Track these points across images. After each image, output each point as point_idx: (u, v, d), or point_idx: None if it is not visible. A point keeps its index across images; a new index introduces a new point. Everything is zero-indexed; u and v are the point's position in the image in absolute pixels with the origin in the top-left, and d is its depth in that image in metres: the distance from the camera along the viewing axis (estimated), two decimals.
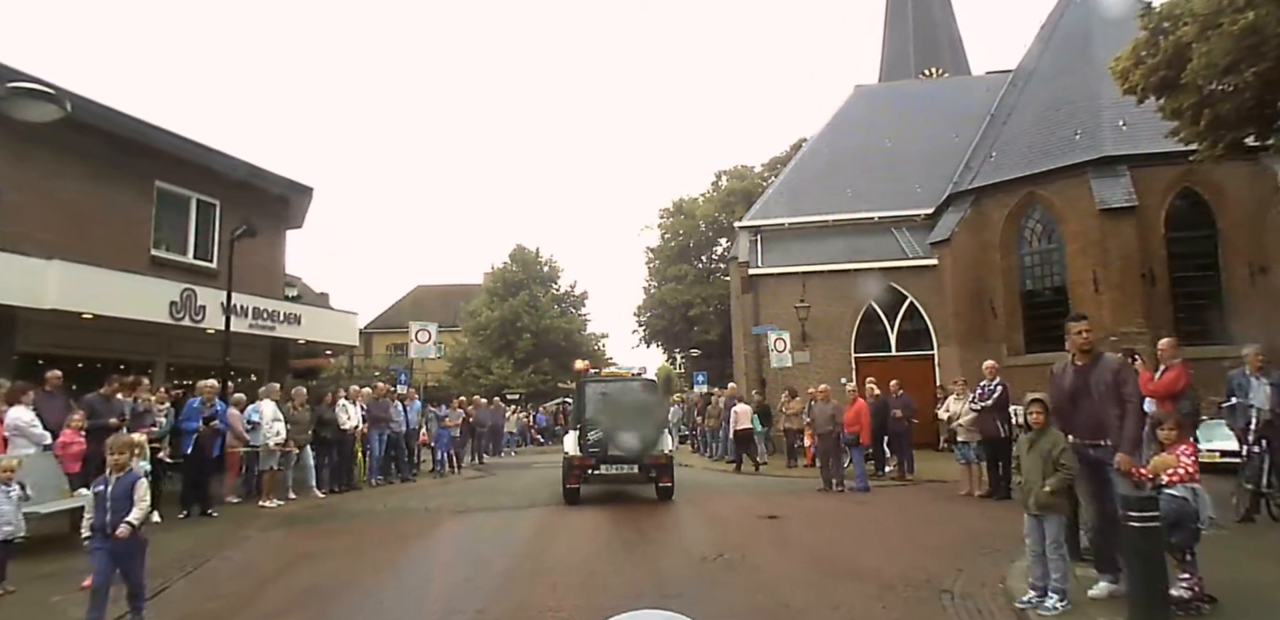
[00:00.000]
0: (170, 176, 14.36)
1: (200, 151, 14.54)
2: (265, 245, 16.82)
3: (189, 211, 14.90)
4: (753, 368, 20.88)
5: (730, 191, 46.07)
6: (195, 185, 14.87)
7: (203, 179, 14.91)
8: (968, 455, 10.23)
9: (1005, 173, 20.09)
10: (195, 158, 14.56)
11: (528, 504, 10.64)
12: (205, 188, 15.09)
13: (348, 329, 16.71)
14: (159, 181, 14.21)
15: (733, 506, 9.90)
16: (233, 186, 15.48)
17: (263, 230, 16.70)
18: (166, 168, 14.21)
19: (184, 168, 14.49)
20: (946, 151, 24.69)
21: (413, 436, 14.65)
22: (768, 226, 23.87)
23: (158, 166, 14.05)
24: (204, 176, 14.89)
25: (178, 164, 14.36)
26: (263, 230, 16.70)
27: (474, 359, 36.01)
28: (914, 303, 20.67)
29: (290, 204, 17.41)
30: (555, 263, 39.61)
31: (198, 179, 14.83)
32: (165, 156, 14.10)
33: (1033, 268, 19.75)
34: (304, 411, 11.45)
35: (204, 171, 14.85)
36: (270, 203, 16.66)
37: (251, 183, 15.87)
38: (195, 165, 14.64)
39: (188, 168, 14.54)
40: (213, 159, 14.85)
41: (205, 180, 14.95)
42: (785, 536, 7.44)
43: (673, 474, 10.74)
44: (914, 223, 22.99)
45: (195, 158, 14.56)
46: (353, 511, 9.99)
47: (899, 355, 20.56)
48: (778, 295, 21.01)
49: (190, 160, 14.52)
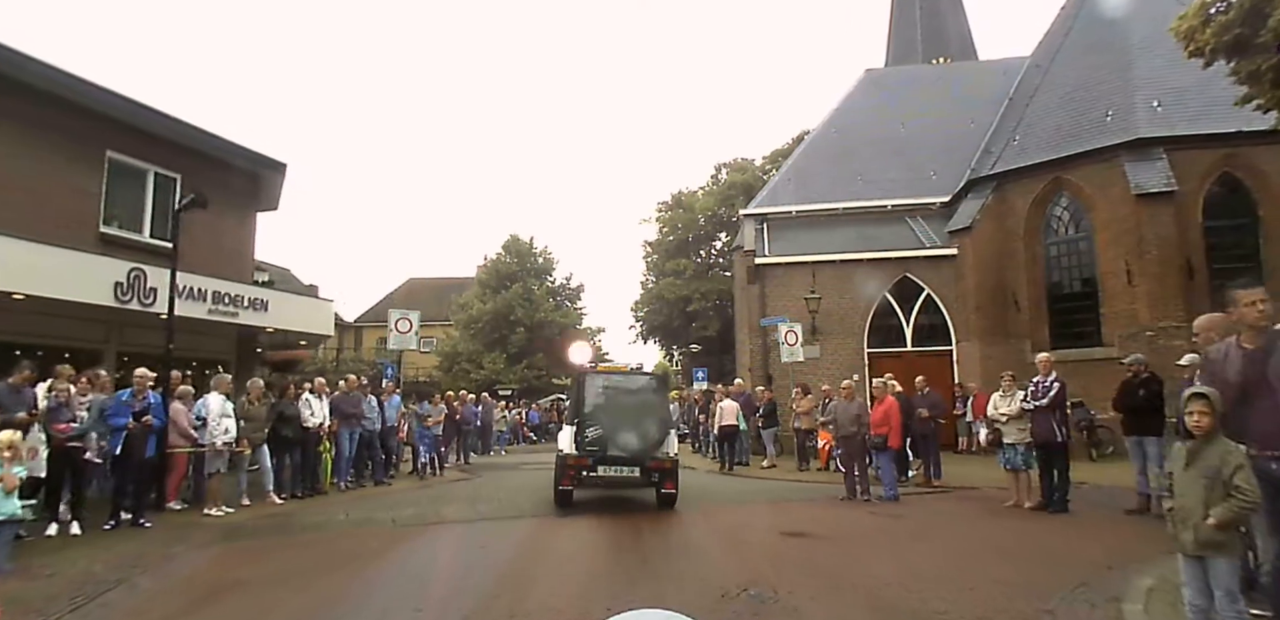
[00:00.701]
0: (124, 146, 13.00)
1: (158, 119, 13.18)
2: (233, 225, 15.52)
3: (145, 186, 13.53)
4: (758, 363, 19.59)
5: (730, 184, 44.93)
6: (152, 157, 13.50)
7: (161, 150, 13.55)
8: (1015, 461, 8.94)
9: (1030, 157, 18.82)
10: (152, 126, 13.21)
11: (511, 514, 9.31)
12: (164, 160, 13.73)
13: (322, 317, 15.33)
14: (111, 151, 12.84)
15: (749, 520, 8.56)
16: (196, 160, 14.13)
17: (231, 210, 15.47)
18: (120, 136, 12.86)
19: (140, 137, 13.14)
20: (962, 137, 23.49)
21: (390, 435, 13.34)
22: (774, 214, 22.58)
23: (109, 135, 12.71)
24: (162, 148, 13.54)
25: (132, 133, 13.02)
26: (231, 210, 15.47)
27: (465, 353, 34.65)
28: (931, 295, 19.40)
29: (261, 182, 16.04)
30: (550, 254, 38.28)
31: (155, 150, 13.48)
32: (118, 124, 12.75)
33: (1059, 258, 18.49)
34: (260, 406, 10.11)
35: (162, 142, 13.51)
36: (238, 179, 15.29)
37: (217, 156, 14.52)
38: (152, 135, 13.30)
39: (144, 137, 13.19)
40: (172, 128, 13.50)
41: (164, 152, 13.60)
42: (820, 563, 6.10)
43: (677, 480, 9.75)
44: (929, 211, 21.75)
45: (152, 126, 13.21)
46: (308, 523, 8.64)
47: (915, 351, 19.30)
48: (786, 286, 19.72)
49: (147, 129, 13.18)
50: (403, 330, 14.69)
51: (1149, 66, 18.57)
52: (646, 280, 47.68)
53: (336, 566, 6.49)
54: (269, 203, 17.78)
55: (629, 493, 11.14)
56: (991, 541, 6.71)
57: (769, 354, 19.43)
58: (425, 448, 13.70)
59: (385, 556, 6.79)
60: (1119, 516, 8.24)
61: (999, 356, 18.37)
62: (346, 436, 11.54)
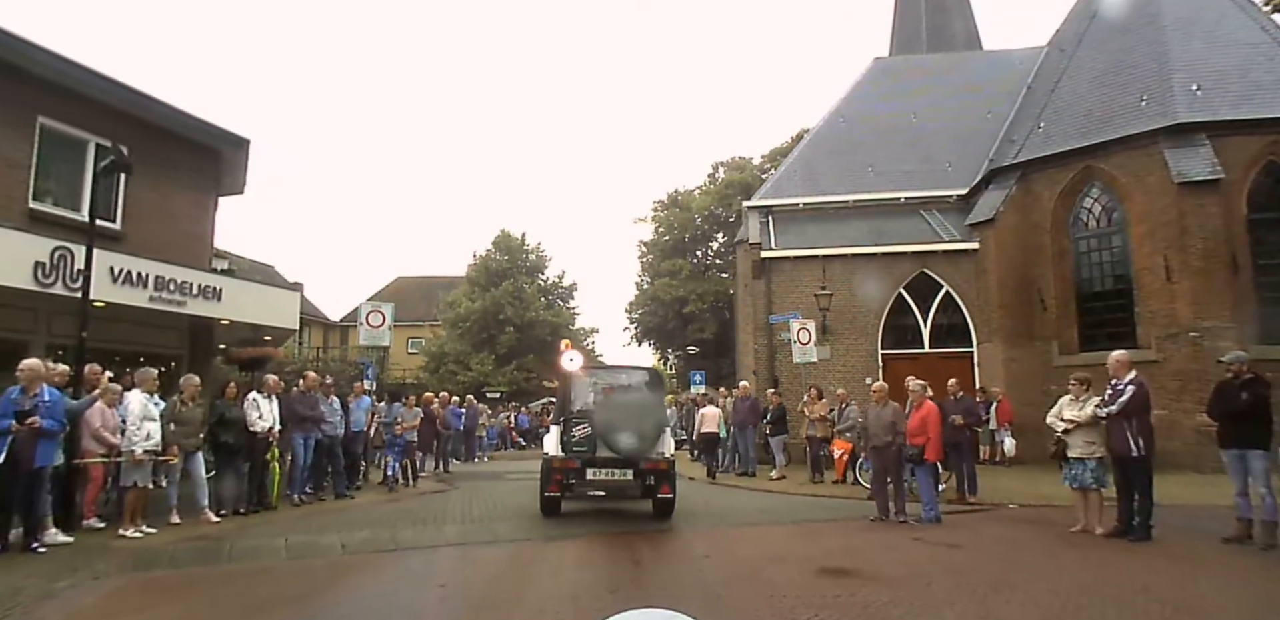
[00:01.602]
0: (58, 112, 11.51)
1: (98, 83, 11.71)
2: (189, 206, 14.04)
3: (84, 158, 12.04)
4: (764, 364, 18.18)
5: (728, 183, 43.86)
6: (93, 126, 12.00)
7: (104, 118, 12.06)
8: (1083, 478, 7.52)
9: (1057, 144, 17.51)
10: (92, 91, 11.74)
11: (484, 538, 7.81)
12: (107, 130, 12.19)
13: (287, 308, 13.82)
14: (43, 118, 11.35)
15: (773, 550, 7.05)
16: (144, 132, 12.64)
17: (185, 189, 13.97)
18: (53, 101, 11.37)
19: (78, 103, 11.65)
20: (978, 127, 22.28)
21: (356, 441, 11.90)
22: (780, 207, 21.21)
23: (41, 98, 11.21)
24: (105, 115, 12.06)
25: (69, 98, 11.53)
26: (185, 189, 13.97)
27: (452, 354, 33.13)
28: (950, 292, 18.03)
29: (222, 161, 14.58)
30: (543, 251, 36.83)
31: (97, 118, 11.99)
32: (52, 86, 11.26)
33: (1089, 253, 17.15)
34: (194, 408, 8.63)
35: (105, 109, 12.03)
36: (195, 155, 13.86)
37: (168, 128, 13.08)
38: (92, 101, 11.82)
39: (83, 103, 11.71)
40: (115, 94, 12.03)
41: (107, 120, 12.10)
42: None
43: (674, 484, 8.99)
44: (945, 204, 20.43)
45: (92, 91, 11.74)
46: (240, 548, 7.14)
47: (933, 352, 17.92)
48: (794, 281, 18.33)
49: (85, 94, 11.71)
50: (374, 324, 13.24)
51: (1185, 49, 17.34)
52: (641, 281, 46.47)
53: (252, 612, 5.03)
54: (233, 186, 16.31)
55: (624, 506, 9.74)
56: (1090, 587, 5.21)
57: (775, 355, 18.03)
58: (394, 456, 12.20)
59: (315, 599, 5.31)
60: (1217, 546, 6.85)
61: (1024, 359, 17.07)
62: (301, 443, 10.06)
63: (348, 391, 12.39)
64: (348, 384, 24.39)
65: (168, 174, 13.40)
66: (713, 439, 14.95)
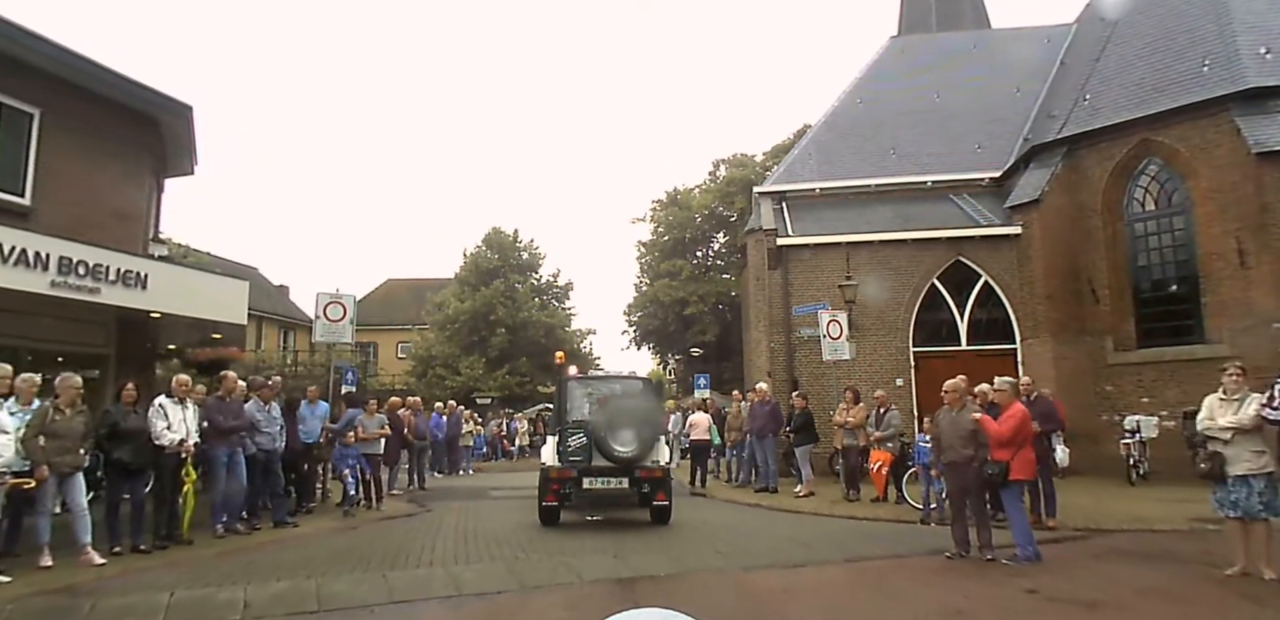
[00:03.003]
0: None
1: (5, 32, 9.79)
2: (119, 181, 12.08)
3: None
4: (781, 364, 16.24)
5: (729, 180, 42.07)
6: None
7: (12, 76, 10.16)
8: (1249, 504, 5.58)
9: (1107, 116, 15.66)
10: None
11: (444, 592, 5.71)
12: (16, 89, 10.32)
13: (231, 301, 11.82)
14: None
15: (835, 612, 5.13)
16: (64, 93, 10.75)
17: (115, 162, 12.02)
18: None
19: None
20: (1007, 107, 20.56)
21: (303, 456, 9.96)
22: (794, 192, 19.34)
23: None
24: (14, 72, 10.16)
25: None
26: (115, 162, 12.02)
27: (440, 357, 31.11)
28: (990, 283, 16.12)
29: (163, 131, 12.67)
30: (536, 248, 34.83)
31: (3, 75, 10.09)
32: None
33: (1147, 237, 15.27)
34: (72, 417, 6.66)
35: (14, 65, 10.13)
36: (128, 124, 11.94)
37: (93, 90, 11.15)
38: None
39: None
40: (28, 47, 10.11)
41: (15, 78, 10.21)
42: None
43: (670, 490, 9.33)
44: (977, 188, 18.58)
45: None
46: (104, 610, 5.10)
47: (971, 350, 16.00)
48: (814, 271, 16.43)
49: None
50: (333, 318, 11.29)
51: (1247, 10, 15.55)
52: (640, 283, 44.64)
53: None
54: (181, 165, 14.46)
55: (625, 540, 7.84)
56: None
57: (794, 353, 16.10)
58: (350, 469, 10.14)
59: None
60: None
61: (1075, 357, 15.18)
62: (225, 459, 8.09)
63: (300, 396, 10.41)
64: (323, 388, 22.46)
65: (93, 143, 11.48)
66: (704, 447, 14.35)
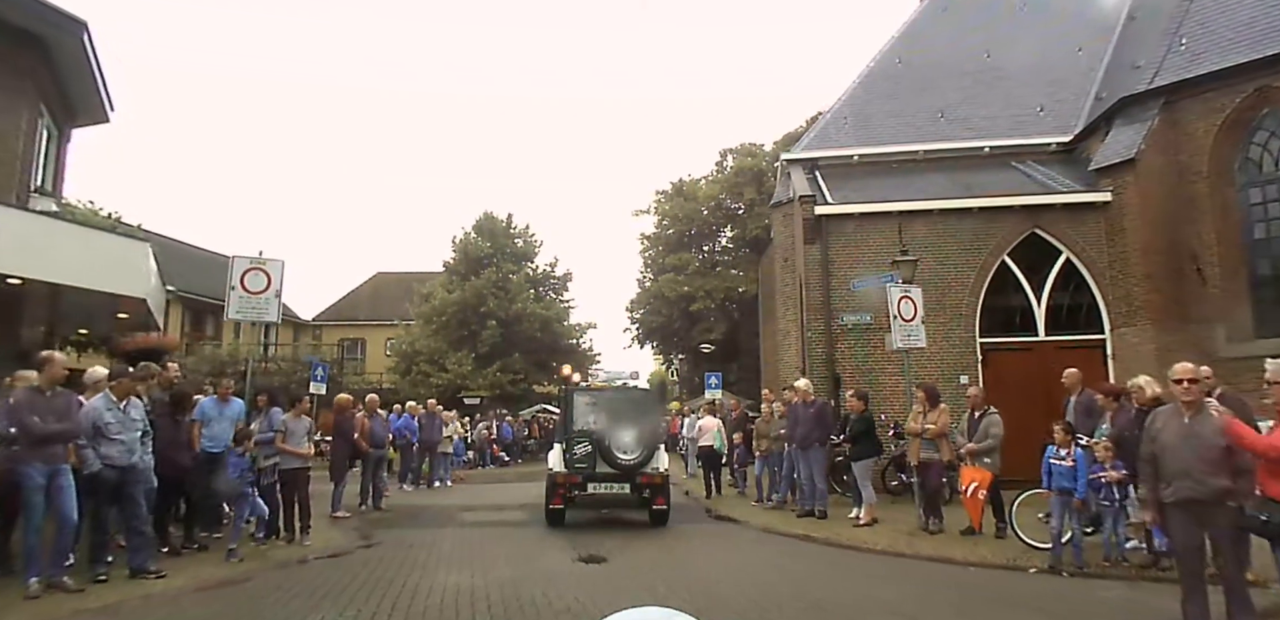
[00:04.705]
0: None
1: None
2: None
3: None
4: (819, 358, 13.52)
5: (738, 171, 39.58)
6: None
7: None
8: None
9: (1214, 61, 12.99)
10: None
11: None
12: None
13: (125, 267, 9.12)
14: None
15: None
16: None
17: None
18: None
19: None
20: (1069, 67, 17.99)
21: (203, 471, 7.27)
22: (828, 160, 16.69)
23: None
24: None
25: None
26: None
27: (425, 353, 28.35)
28: (1072, 260, 13.40)
29: (52, 56, 9.99)
30: (532, 236, 32.01)
31: None
32: None
33: (1265, 205, 12.59)
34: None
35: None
36: (4, 43, 9.27)
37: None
38: None
39: None
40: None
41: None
42: None
43: (669, 495, 9.78)
44: (1042, 155, 15.96)
45: None
46: None
47: (1050, 341, 13.29)
48: (859, 246, 13.71)
49: None
50: (254, 289, 8.57)
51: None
52: (644, 278, 42.06)
53: None
54: (90, 110, 11.84)
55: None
56: None
57: (836, 345, 13.38)
58: (245, 496, 7.30)
59: None
60: None
61: (1180, 348, 12.38)
62: (41, 481, 5.37)
63: (190, 392, 7.71)
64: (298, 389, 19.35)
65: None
66: (710, 453, 13.21)
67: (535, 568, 6.88)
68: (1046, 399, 12.07)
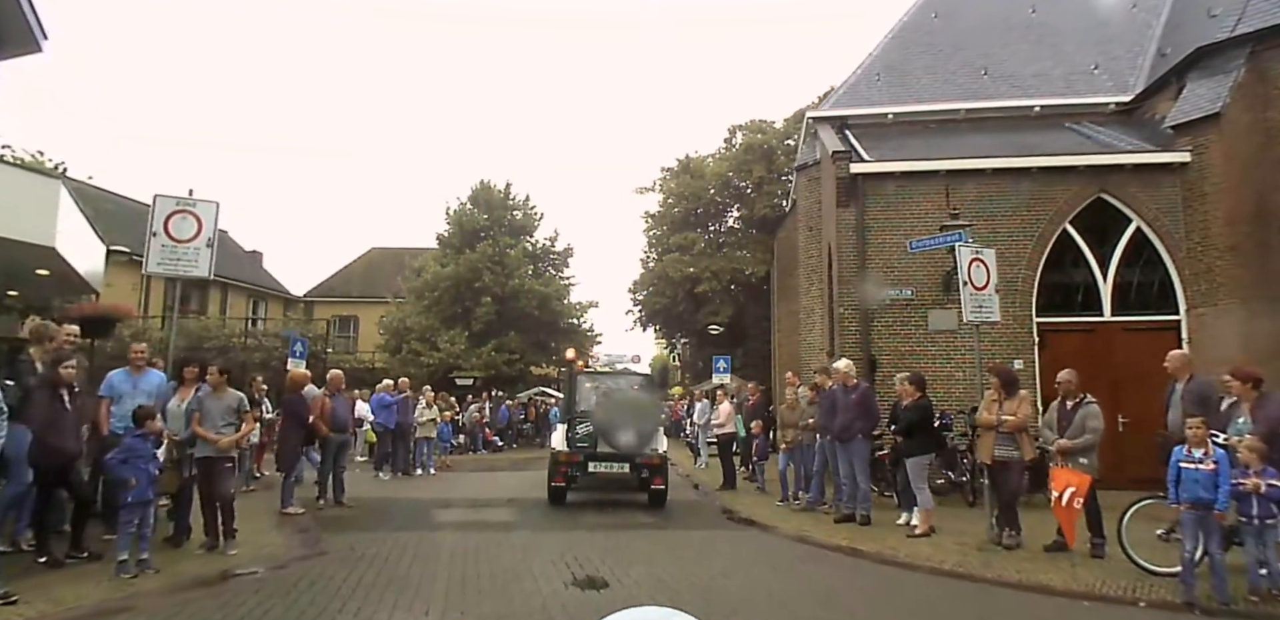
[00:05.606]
0: None
1: None
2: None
3: None
4: (852, 339, 11.92)
5: (747, 147, 37.67)
6: None
7: None
8: None
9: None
10: None
11: None
12: None
13: (25, 209, 7.52)
14: None
15: None
16: None
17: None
18: None
19: None
20: (1124, 23, 16.39)
21: (110, 465, 5.74)
22: (860, 118, 15.07)
23: None
24: None
25: None
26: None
27: (416, 330, 26.75)
28: (1143, 229, 11.76)
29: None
30: (531, 207, 30.26)
31: None
32: None
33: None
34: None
35: None
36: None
37: None
38: None
39: None
40: None
41: None
42: None
43: (666, 476, 10.11)
44: (1100, 115, 14.30)
45: None
46: None
47: (1116, 322, 11.69)
48: (899, 210, 12.07)
49: None
50: (180, 237, 6.95)
51: None
52: (648, 257, 40.40)
53: None
54: (16, 35, 10.12)
55: None
56: None
57: (872, 324, 11.78)
58: (134, 493, 5.64)
59: None
60: None
61: (1270, 329, 10.83)
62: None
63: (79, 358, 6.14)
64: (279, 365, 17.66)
65: None
66: (729, 440, 12.92)
67: (514, 599, 5.31)
68: (1112, 388, 10.52)
